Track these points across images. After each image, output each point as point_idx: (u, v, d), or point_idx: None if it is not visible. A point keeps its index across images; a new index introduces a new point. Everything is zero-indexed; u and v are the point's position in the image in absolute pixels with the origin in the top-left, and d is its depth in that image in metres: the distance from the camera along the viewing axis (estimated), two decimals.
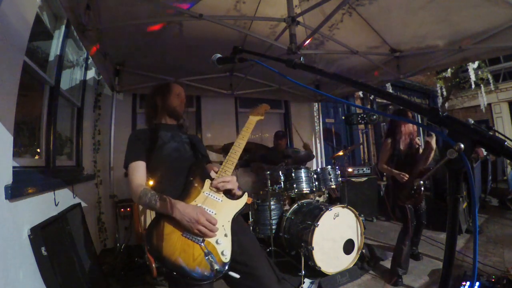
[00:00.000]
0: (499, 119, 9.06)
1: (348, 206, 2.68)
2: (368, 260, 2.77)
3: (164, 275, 1.30)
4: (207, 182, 1.30)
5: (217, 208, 1.24)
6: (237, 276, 1.15)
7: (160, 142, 1.43)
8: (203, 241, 1.14)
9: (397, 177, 2.55)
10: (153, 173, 1.40)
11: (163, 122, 1.56)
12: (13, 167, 1.52)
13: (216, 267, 1.10)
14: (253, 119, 1.51)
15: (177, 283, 1.16)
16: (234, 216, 1.25)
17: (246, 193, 1.33)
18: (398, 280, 2.38)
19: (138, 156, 1.37)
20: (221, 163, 1.40)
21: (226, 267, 1.13)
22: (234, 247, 1.19)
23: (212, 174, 1.40)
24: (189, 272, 1.08)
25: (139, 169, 1.35)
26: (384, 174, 6.11)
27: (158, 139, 1.44)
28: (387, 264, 2.73)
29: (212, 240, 1.16)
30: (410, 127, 2.63)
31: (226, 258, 1.14)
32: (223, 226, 1.20)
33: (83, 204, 2.68)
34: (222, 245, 1.16)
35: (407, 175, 2.49)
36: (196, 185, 1.29)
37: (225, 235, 1.19)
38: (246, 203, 1.31)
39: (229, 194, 1.31)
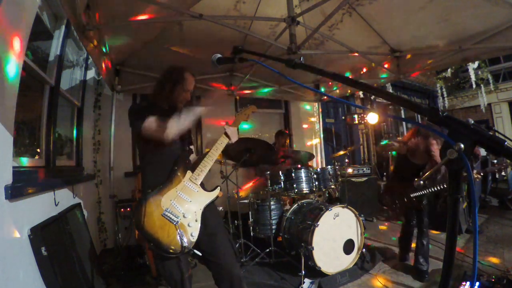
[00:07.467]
0: (499, 119, 9.04)
1: (348, 206, 2.68)
2: (368, 260, 2.77)
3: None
4: (188, 173, 1.50)
5: (192, 197, 1.45)
6: (200, 254, 1.42)
7: None
8: (178, 222, 1.38)
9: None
10: (144, 155, 1.58)
11: (162, 106, 1.61)
12: (13, 167, 1.52)
13: (185, 244, 1.35)
14: (238, 122, 1.68)
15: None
16: (206, 205, 1.48)
17: (219, 187, 1.55)
18: (425, 276, 2.45)
19: (145, 118, 1.46)
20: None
21: (192, 246, 1.39)
22: (203, 230, 1.45)
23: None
24: (162, 245, 1.34)
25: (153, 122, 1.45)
26: (384, 174, 6.12)
27: None
28: (387, 264, 2.73)
29: (185, 223, 1.41)
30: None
31: (194, 238, 1.40)
32: (195, 212, 1.44)
33: (83, 204, 2.68)
34: (192, 228, 1.41)
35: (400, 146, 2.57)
36: (179, 174, 1.48)
37: (196, 220, 1.43)
38: (217, 196, 1.52)
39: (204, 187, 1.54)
